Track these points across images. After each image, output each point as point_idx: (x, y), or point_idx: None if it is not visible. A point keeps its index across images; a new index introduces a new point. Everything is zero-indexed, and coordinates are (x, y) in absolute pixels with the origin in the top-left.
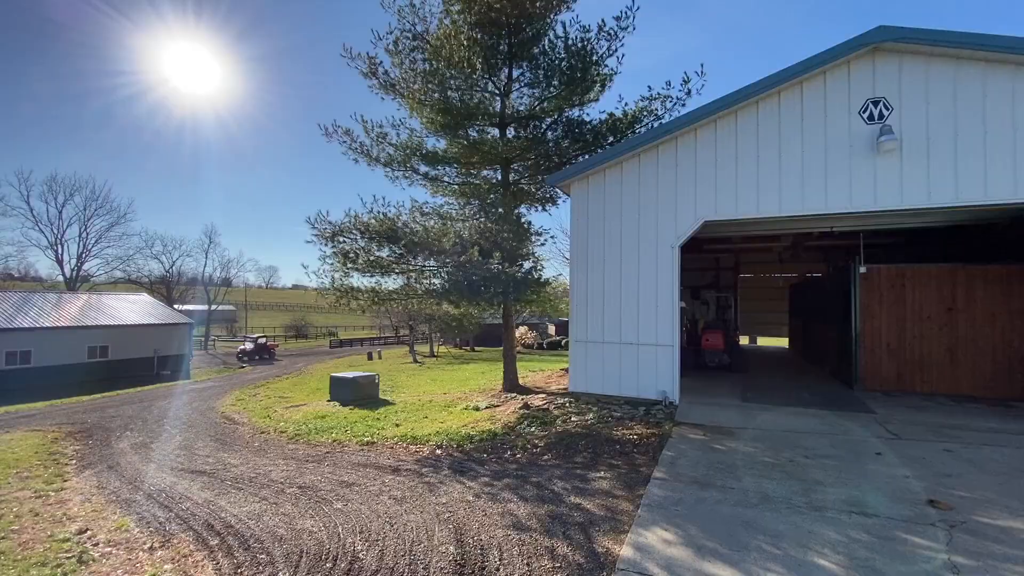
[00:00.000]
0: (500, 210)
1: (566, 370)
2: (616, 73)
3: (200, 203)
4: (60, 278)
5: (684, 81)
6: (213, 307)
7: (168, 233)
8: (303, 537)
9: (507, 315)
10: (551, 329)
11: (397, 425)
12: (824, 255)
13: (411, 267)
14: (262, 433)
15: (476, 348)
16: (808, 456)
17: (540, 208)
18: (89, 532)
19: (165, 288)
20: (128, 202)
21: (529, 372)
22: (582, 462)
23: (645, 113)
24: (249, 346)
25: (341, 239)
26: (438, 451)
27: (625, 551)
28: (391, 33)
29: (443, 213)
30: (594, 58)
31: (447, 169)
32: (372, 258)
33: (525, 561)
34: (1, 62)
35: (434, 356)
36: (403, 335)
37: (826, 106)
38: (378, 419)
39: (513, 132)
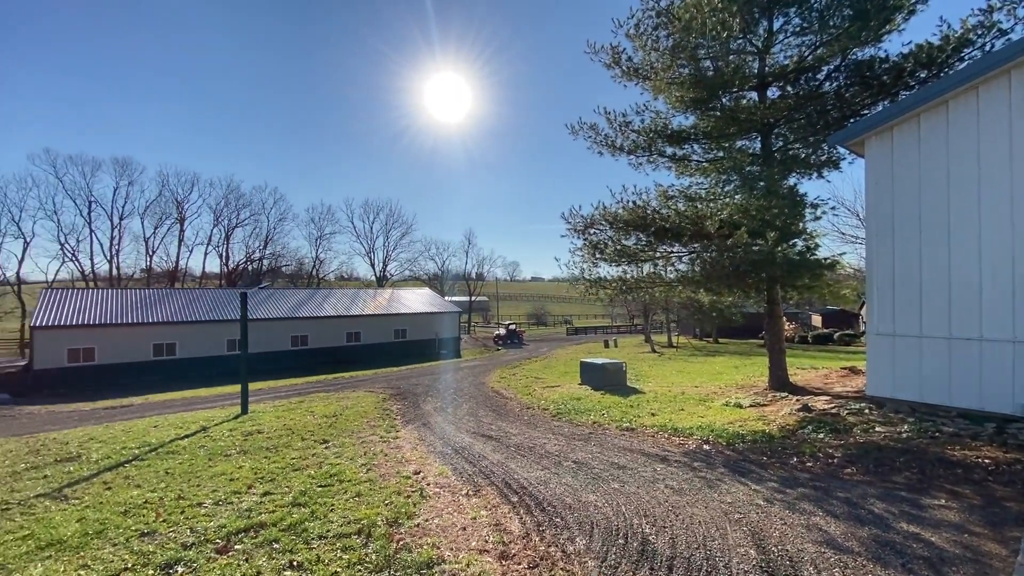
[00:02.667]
0: (762, 183)
1: (849, 369)
2: None
3: (460, 209)
4: (372, 278)
5: None
6: (473, 298)
7: (439, 237)
8: (589, 509)
9: (773, 303)
10: (815, 320)
11: (653, 414)
12: None
13: (658, 254)
14: (528, 408)
15: (720, 340)
16: None
17: (815, 175)
18: (422, 474)
19: (438, 283)
20: (412, 215)
21: (797, 369)
22: (904, 483)
23: (980, 31)
24: (503, 331)
25: (591, 231)
26: (705, 446)
27: None
28: (632, 17)
29: (690, 194)
30: None
31: (694, 147)
32: (619, 247)
33: None
34: (316, 120)
35: (674, 347)
36: (638, 324)
37: None
38: (632, 406)
39: (777, 92)
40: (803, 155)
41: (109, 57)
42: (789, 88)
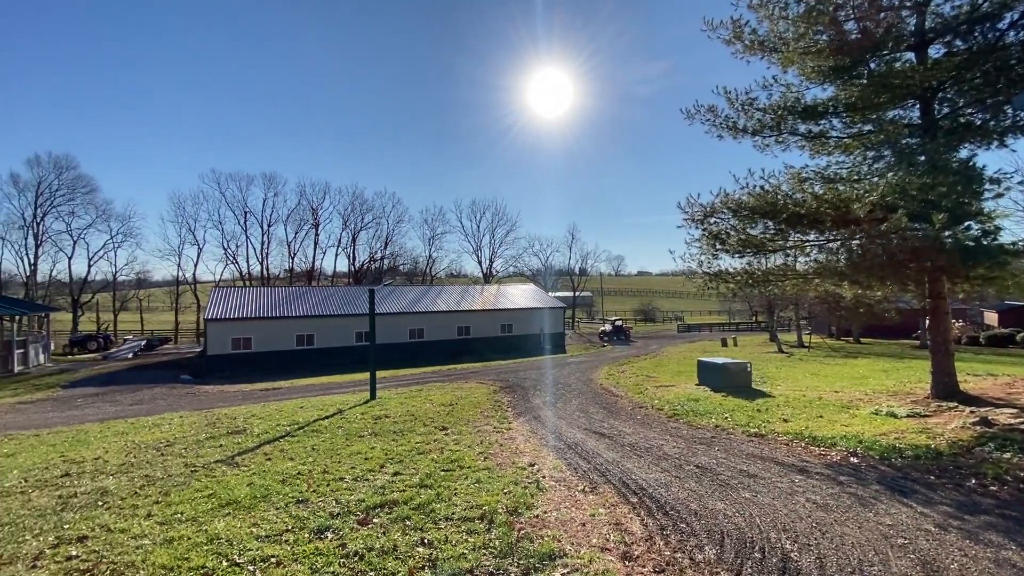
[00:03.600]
0: (923, 158)
1: None
2: None
3: (563, 204)
4: (479, 274)
5: None
6: (576, 293)
7: (542, 233)
8: (718, 517)
9: (937, 297)
10: (989, 318)
11: (785, 420)
12: None
13: (790, 243)
14: (640, 407)
15: (862, 340)
16: None
17: (995, 144)
18: (536, 466)
19: (542, 279)
20: (517, 213)
21: (968, 376)
22: None
23: None
24: (608, 328)
25: (712, 220)
26: (853, 459)
27: None
28: None
29: (829, 175)
30: None
31: (832, 122)
32: (744, 237)
33: None
34: (428, 123)
35: (805, 346)
36: (761, 321)
37: None
38: (759, 411)
39: (942, 49)
40: (979, 121)
41: (240, 84)
42: (958, 43)
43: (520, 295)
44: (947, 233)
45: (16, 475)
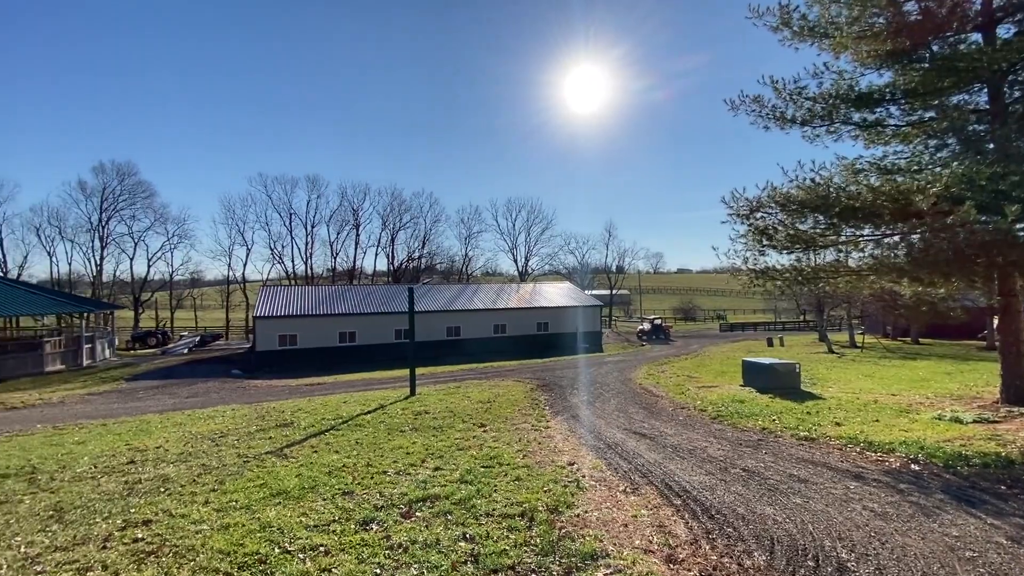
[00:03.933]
0: (992, 146)
1: None
2: None
3: (600, 201)
4: (515, 272)
5: None
6: (613, 292)
7: (578, 231)
8: (767, 523)
9: (1008, 294)
10: None
11: (838, 424)
12: None
13: (842, 238)
14: (682, 408)
15: (921, 340)
16: None
17: None
18: (575, 465)
19: (578, 277)
20: (552, 211)
21: None
22: None
23: None
24: (647, 326)
25: (758, 215)
26: (913, 466)
27: None
28: None
29: (886, 166)
30: None
31: (890, 109)
32: (792, 232)
33: None
34: (462, 121)
35: (857, 347)
36: (809, 320)
37: None
38: (808, 413)
39: (1012, 29)
40: None
41: (284, 90)
42: None
43: (556, 293)
44: (1020, 226)
45: (87, 461)
